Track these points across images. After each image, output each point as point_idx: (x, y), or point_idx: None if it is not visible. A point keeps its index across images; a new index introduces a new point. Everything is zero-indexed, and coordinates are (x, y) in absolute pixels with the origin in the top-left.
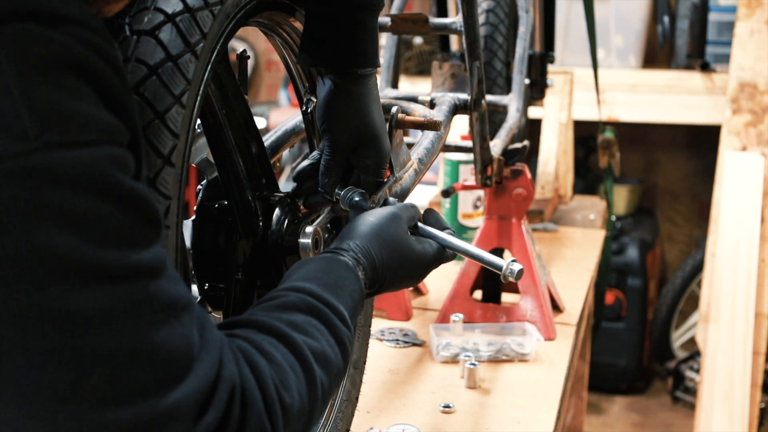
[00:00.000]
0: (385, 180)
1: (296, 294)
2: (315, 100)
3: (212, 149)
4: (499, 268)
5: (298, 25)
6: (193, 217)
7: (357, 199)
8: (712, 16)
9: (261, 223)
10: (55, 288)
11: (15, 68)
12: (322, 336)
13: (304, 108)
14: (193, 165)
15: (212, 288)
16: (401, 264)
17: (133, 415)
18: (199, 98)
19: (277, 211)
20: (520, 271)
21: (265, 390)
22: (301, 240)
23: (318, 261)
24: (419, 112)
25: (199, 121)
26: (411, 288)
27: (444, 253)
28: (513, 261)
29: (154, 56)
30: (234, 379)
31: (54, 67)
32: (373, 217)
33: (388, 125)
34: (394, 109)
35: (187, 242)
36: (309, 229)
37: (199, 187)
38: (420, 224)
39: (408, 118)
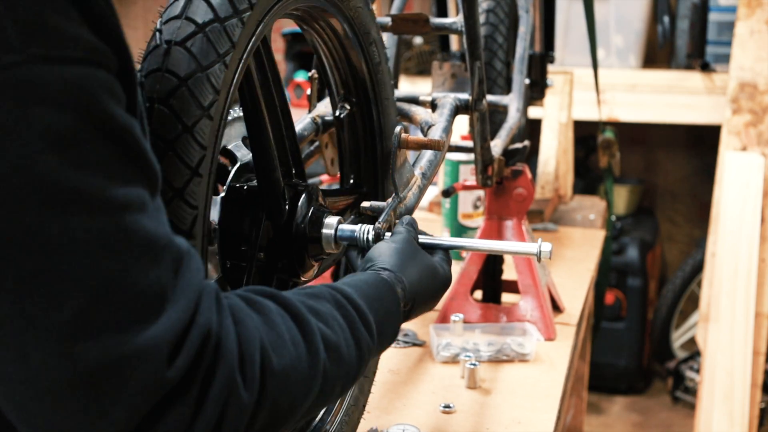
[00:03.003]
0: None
1: (330, 290)
2: (348, 107)
3: (249, 131)
4: (532, 253)
5: (335, 23)
6: (222, 194)
7: (372, 237)
8: (712, 16)
9: (287, 208)
10: (33, 211)
11: None
12: (341, 331)
13: (338, 113)
14: (229, 147)
15: (234, 267)
16: (429, 285)
17: (101, 351)
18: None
19: (303, 198)
20: (551, 250)
21: (245, 347)
22: (324, 230)
23: (364, 274)
24: (421, 116)
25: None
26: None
27: (450, 261)
28: (541, 242)
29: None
30: (210, 326)
31: None
32: (394, 242)
33: (391, 146)
34: (397, 130)
35: (215, 218)
36: (332, 220)
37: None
38: (421, 238)
39: (411, 138)
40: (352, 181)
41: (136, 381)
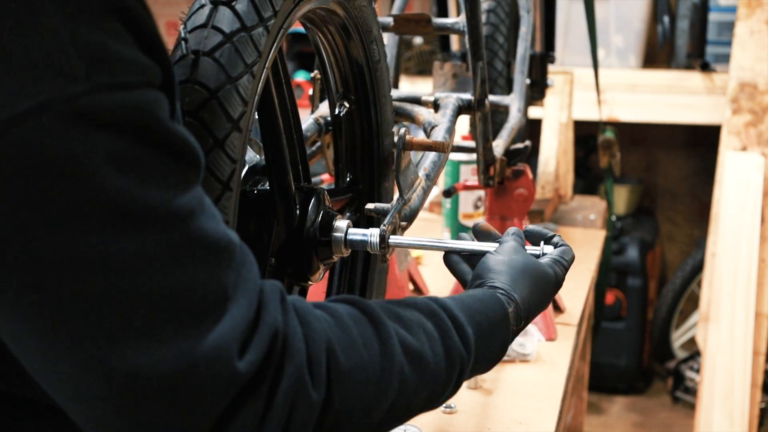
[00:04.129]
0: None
1: (427, 300)
2: (348, 105)
3: (263, 134)
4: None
5: (341, 22)
6: None
7: (377, 240)
8: (712, 16)
9: (298, 212)
10: (102, 231)
11: (59, 11)
12: (427, 338)
13: (337, 111)
14: None
15: None
16: (543, 296)
17: (175, 358)
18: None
19: (313, 201)
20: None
21: (312, 346)
22: (334, 234)
23: (475, 290)
24: (424, 116)
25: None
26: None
27: (563, 261)
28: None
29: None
30: (277, 325)
31: (96, 9)
32: (504, 255)
33: (395, 147)
34: (402, 131)
35: None
36: (342, 223)
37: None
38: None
39: (415, 140)
40: (349, 179)
41: (211, 380)
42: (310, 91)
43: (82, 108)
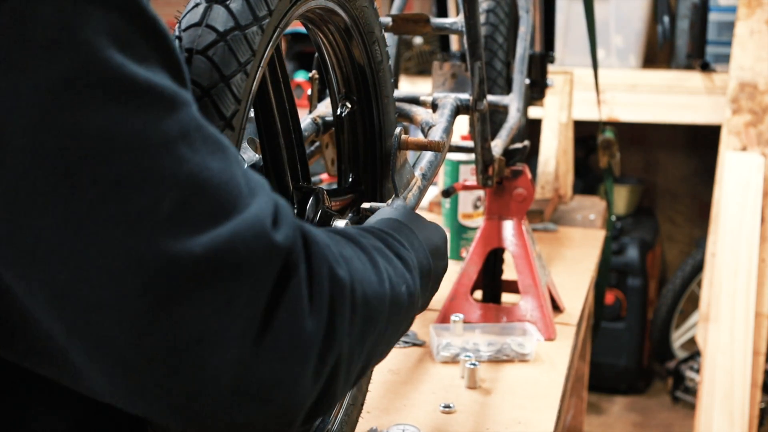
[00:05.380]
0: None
1: (352, 226)
2: (350, 105)
3: (261, 136)
4: None
5: (342, 23)
6: None
7: None
8: (712, 16)
9: (296, 212)
10: (115, 109)
11: None
12: (377, 242)
13: (339, 112)
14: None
15: None
16: (438, 237)
17: (212, 237)
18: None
19: (311, 201)
20: None
21: (322, 236)
22: None
23: (381, 219)
24: (422, 116)
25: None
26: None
27: None
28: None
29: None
30: (292, 215)
31: None
32: (390, 208)
33: (391, 147)
34: (397, 131)
35: None
36: (340, 223)
37: None
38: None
39: (411, 139)
40: (350, 179)
41: (251, 255)
42: (309, 91)
43: None
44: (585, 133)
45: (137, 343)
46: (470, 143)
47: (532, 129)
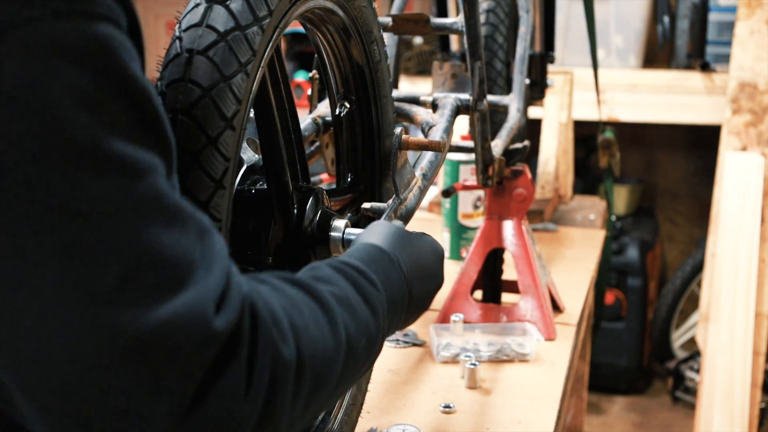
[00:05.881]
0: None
1: (330, 261)
2: (348, 105)
3: (260, 136)
4: None
5: (340, 23)
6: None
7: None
8: (712, 16)
9: (296, 211)
10: (69, 172)
11: None
12: (346, 287)
13: (338, 112)
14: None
15: (242, 271)
16: (429, 261)
17: (149, 317)
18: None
19: (311, 200)
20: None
21: (271, 308)
22: (332, 234)
23: (356, 248)
24: (422, 116)
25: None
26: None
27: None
28: None
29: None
30: (243, 290)
31: None
32: (378, 226)
33: (390, 146)
34: (398, 131)
35: None
36: (339, 223)
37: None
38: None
39: (412, 139)
40: (350, 179)
41: (188, 340)
42: (309, 91)
43: (39, 33)
44: (585, 133)
45: (65, 406)
46: (470, 143)
47: (532, 129)
